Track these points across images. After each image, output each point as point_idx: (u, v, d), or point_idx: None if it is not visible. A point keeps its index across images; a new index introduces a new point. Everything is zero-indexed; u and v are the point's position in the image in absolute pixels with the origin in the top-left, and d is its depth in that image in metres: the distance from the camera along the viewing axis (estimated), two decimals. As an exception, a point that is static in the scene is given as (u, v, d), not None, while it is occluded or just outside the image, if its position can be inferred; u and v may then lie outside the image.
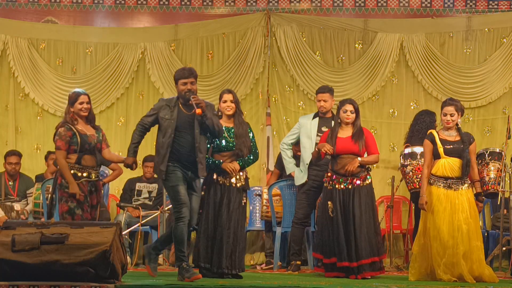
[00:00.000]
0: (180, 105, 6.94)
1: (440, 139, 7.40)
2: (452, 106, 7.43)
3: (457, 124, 7.46)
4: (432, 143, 7.41)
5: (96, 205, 6.97)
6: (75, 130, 6.83)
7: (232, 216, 7.36)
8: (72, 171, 6.79)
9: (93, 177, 6.91)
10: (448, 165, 7.36)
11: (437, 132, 7.47)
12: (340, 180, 7.57)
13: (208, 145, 7.32)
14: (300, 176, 8.41)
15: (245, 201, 7.50)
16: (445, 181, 7.36)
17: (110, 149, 7.13)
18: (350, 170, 7.50)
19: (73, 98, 6.95)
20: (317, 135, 8.28)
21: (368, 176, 7.62)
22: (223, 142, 7.36)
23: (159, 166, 6.91)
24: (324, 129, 8.18)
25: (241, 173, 7.45)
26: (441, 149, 7.36)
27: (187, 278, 6.66)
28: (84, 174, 6.83)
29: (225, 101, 7.48)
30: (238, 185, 7.42)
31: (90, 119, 7.02)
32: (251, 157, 7.50)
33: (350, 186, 7.54)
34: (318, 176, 8.15)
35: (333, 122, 8.12)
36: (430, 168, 7.42)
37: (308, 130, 8.40)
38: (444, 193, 7.34)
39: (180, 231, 6.82)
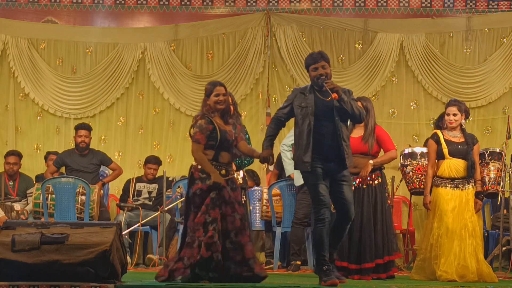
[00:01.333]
0: (316, 92, 6.36)
1: (445, 140, 7.44)
2: (455, 106, 7.49)
3: (461, 125, 7.51)
4: (436, 143, 7.46)
5: (242, 202, 6.40)
6: (215, 124, 6.25)
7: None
8: None
9: (230, 173, 6.35)
10: (453, 166, 7.42)
11: (442, 133, 7.51)
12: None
13: None
14: (300, 177, 8.40)
15: (244, 199, 7.49)
16: (451, 182, 7.43)
17: (245, 142, 6.55)
18: (364, 175, 7.41)
19: (209, 90, 6.34)
20: None
21: (379, 176, 7.54)
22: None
23: (302, 157, 6.31)
24: None
25: (239, 172, 7.48)
26: (445, 150, 7.41)
27: (323, 282, 6.31)
28: (223, 172, 6.26)
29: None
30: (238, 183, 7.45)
31: (226, 112, 6.40)
32: (246, 160, 7.53)
33: (360, 185, 7.47)
34: None
35: None
36: (434, 168, 7.46)
37: None
38: (451, 193, 7.39)
39: (319, 233, 6.37)
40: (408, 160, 8.22)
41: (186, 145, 10.62)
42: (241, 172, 7.57)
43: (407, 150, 8.39)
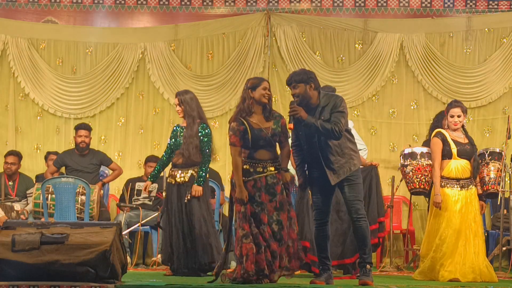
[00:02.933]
0: (305, 106, 6.37)
1: (452, 140, 7.45)
2: (459, 107, 7.52)
3: (463, 126, 7.53)
4: (443, 142, 7.45)
5: (283, 200, 6.28)
6: (247, 125, 6.23)
7: (179, 214, 7.59)
8: (244, 166, 6.22)
9: (269, 170, 6.24)
10: (461, 167, 7.44)
11: (447, 132, 7.52)
12: None
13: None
14: None
15: (188, 198, 7.60)
16: (457, 182, 7.45)
17: (288, 147, 6.41)
18: None
19: (255, 83, 6.34)
20: None
21: None
22: (173, 141, 7.73)
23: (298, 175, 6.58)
24: None
25: (187, 171, 7.65)
26: (454, 150, 7.41)
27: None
28: (258, 169, 6.23)
29: (176, 105, 7.79)
30: (180, 181, 7.65)
31: (269, 108, 6.35)
32: (204, 161, 7.63)
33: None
34: None
35: None
36: (440, 166, 7.46)
37: None
38: (458, 194, 7.42)
39: (314, 234, 6.60)
40: (408, 160, 8.21)
41: (186, 145, 10.62)
42: (189, 171, 7.66)
43: (407, 150, 8.39)
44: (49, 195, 8.91)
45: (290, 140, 6.52)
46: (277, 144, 6.40)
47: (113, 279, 5.71)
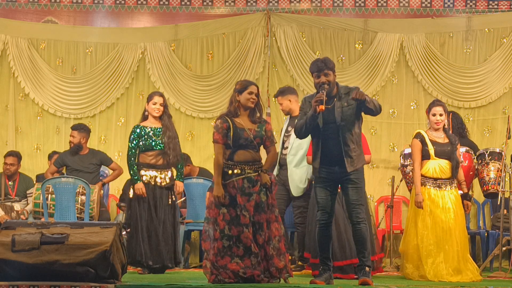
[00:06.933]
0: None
1: (430, 140, 7.43)
2: (441, 106, 7.53)
3: (444, 125, 7.51)
4: (421, 143, 7.43)
5: (261, 203, 6.25)
6: (230, 123, 6.25)
7: (161, 214, 7.71)
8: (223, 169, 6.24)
9: (247, 172, 6.23)
10: (439, 166, 7.40)
11: (426, 133, 7.50)
12: None
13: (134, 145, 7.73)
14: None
15: (173, 199, 7.82)
16: (434, 182, 7.42)
17: (275, 147, 6.44)
18: None
19: (243, 86, 6.36)
20: (284, 135, 8.22)
21: None
22: (148, 141, 7.74)
23: (313, 163, 6.50)
24: (290, 128, 8.09)
25: (167, 173, 7.80)
26: (432, 150, 7.40)
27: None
28: (236, 171, 6.23)
29: (155, 103, 7.84)
30: (163, 184, 7.75)
31: (255, 111, 6.38)
32: (180, 165, 7.99)
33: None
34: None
35: None
36: (420, 167, 7.44)
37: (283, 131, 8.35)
38: (434, 194, 7.39)
39: (317, 234, 6.56)
40: (408, 160, 8.22)
41: (186, 145, 10.61)
42: (169, 172, 7.83)
43: (407, 150, 8.39)
44: (49, 195, 8.91)
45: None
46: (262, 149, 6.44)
47: (113, 279, 5.72)
